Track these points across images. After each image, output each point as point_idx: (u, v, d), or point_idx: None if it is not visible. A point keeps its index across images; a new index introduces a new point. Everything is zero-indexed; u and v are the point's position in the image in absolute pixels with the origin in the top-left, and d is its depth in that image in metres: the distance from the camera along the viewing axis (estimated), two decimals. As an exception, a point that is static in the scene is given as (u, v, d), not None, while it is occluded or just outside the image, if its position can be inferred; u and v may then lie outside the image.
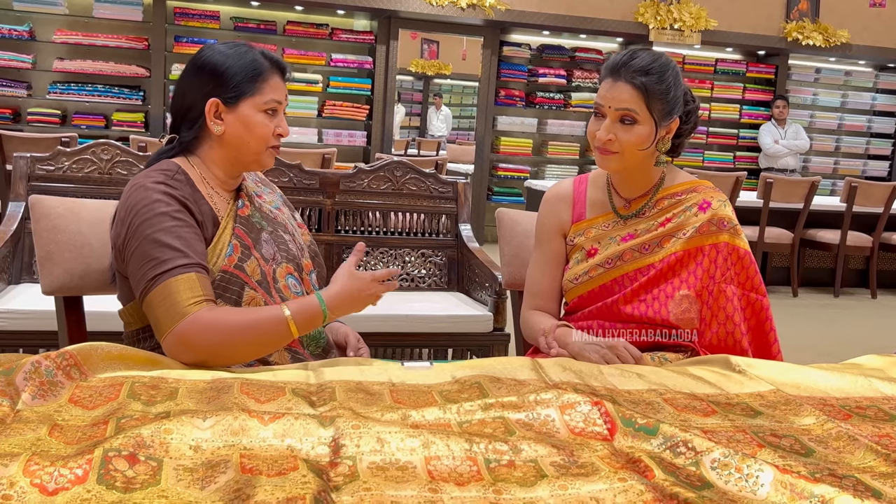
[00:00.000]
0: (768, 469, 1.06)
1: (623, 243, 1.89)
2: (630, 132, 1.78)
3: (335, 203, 3.35)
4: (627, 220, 1.91)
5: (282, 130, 1.69)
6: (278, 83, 1.69)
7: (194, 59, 1.68)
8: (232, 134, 1.66)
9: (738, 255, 1.84)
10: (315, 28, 7.62)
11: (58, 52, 7.13)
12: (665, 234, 1.86)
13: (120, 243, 1.60)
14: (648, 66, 1.77)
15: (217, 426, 1.09)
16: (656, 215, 1.89)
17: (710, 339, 1.82)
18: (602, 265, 1.89)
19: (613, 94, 1.78)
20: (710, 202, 1.87)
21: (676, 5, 8.12)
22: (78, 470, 0.94)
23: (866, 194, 6.44)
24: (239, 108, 1.65)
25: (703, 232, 1.84)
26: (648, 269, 1.85)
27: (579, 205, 1.98)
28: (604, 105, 1.80)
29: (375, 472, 1.02)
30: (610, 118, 1.79)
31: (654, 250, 1.86)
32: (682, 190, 1.90)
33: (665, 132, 1.82)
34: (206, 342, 1.47)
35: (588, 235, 1.93)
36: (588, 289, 1.91)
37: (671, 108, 1.81)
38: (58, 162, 2.99)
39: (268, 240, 1.72)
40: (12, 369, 1.22)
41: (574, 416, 1.24)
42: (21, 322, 2.65)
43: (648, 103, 1.76)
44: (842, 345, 4.97)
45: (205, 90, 1.65)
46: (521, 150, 8.51)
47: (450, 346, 3.14)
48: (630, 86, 1.76)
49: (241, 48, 1.68)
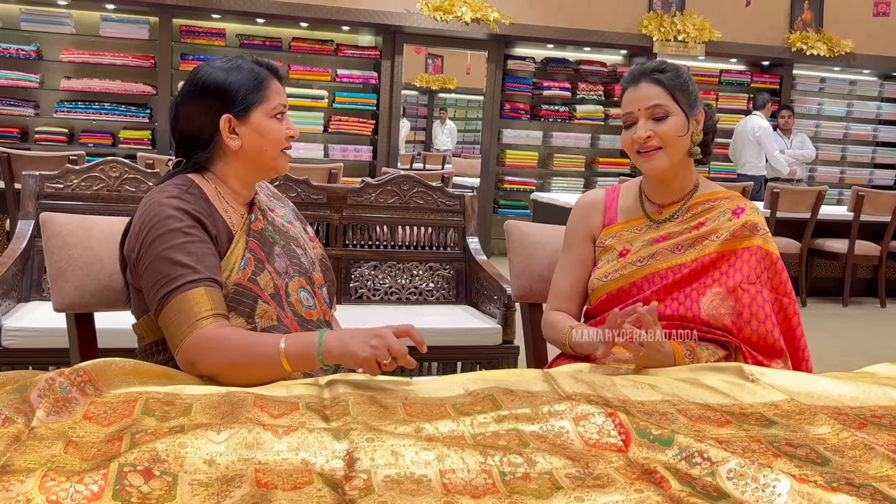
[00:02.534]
0: (785, 479, 1.05)
1: (656, 244, 1.91)
2: (666, 124, 1.85)
3: (343, 217, 3.36)
4: (660, 224, 1.94)
5: (292, 131, 1.73)
6: (278, 87, 1.73)
7: (194, 82, 1.69)
8: (249, 145, 1.68)
9: (770, 260, 1.88)
10: (320, 44, 7.66)
11: (65, 71, 7.17)
12: (699, 237, 1.89)
13: (134, 258, 1.61)
14: (662, 66, 1.88)
15: (231, 440, 1.08)
16: (689, 219, 1.92)
17: (748, 336, 1.82)
18: (633, 263, 1.91)
19: (639, 96, 1.86)
20: (743, 208, 1.91)
21: (680, 17, 8.14)
22: (94, 486, 0.94)
23: (874, 203, 6.42)
24: (251, 120, 1.67)
25: (737, 236, 1.87)
26: (680, 269, 1.86)
27: (611, 210, 2.01)
28: (632, 110, 1.87)
29: (391, 486, 1.02)
30: (643, 118, 1.85)
31: (686, 251, 1.88)
32: (715, 197, 1.95)
33: (696, 123, 1.89)
34: (208, 361, 1.47)
35: (620, 237, 1.96)
36: (618, 286, 1.91)
37: (694, 100, 1.89)
38: (67, 180, 3.00)
39: (280, 253, 1.73)
40: (27, 386, 1.22)
41: (588, 427, 1.23)
42: (31, 340, 2.65)
43: (674, 95, 1.85)
44: (852, 354, 4.94)
45: (213, 109, 1.66)
46: (527, 162, 8.52)
47: (459, 360, 3.13)
48: (653, 83, 1.86)
49: (236, 61, 1.71)
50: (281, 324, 1.66)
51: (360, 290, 3.37)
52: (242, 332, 1.54)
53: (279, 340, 1.47)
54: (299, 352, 1.46)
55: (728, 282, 1.83)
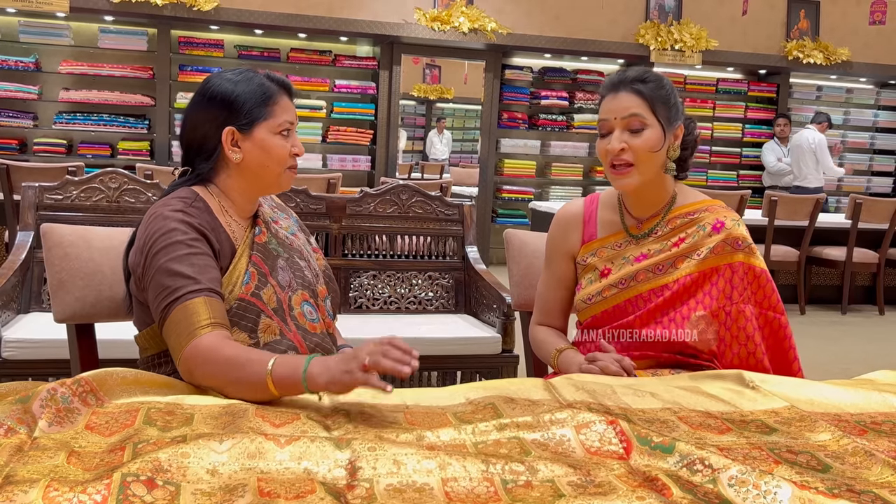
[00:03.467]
0: (786, 485, 1.06)
1: (636, 263, 1.88)
2: (640, 137, 1.79)
3: (342, 227, 3.37)
4: (640, 240, 1.90)
5: (297, 150, 1.71)
6: (287, 104, 1.71)
7: (202, 91, 1.69)
8: (251, 160, 1.67)
9: (754, 274, 1.82)
10: (318, 55, 7.68)
11: (63, 83, 7.18)
12: (679, 255, 1.85)
13: (139, 271, 1.61)
14: (644, 76, 1.82)
15: (234, 449, 1.09)
16: (669, 235, 1.88)
17: (731, 360, 1.80)
18: (615, 285, 1.88)
19: (617, 105, 1.81)
20: (723, 222, 1.86)
21: (677, 26, 8.17)
22: (97, 496, 0.94)
23: (871, 211, 6.44)
24: (254, 134, 1.66)
25: (717, 252, 1.83)
26: (663, 290, 1.83)
27: (590, 225, 1.98)
28: (609, 118, 1.82)
29: (393, 494, 1.02)
30: (618, 128, 1.80)
31: (668, 271, 1.85)
32: (694, 209, 1.89)
33: (673, 138, 1.84)
34: (203, 372, 1.45)
35: (601, 255, 1.93)
36: (601, 309, 1.90)
37: (674, 113, 1.83)
38: (66, 191, 3.01)
39: (284, 267, 1.72)
40: (29, 397, 1.22)
41: (589, 435, 1.24)
42: (31, 351, 2.65)
43: (653, 107, 1.79)
44: (851, 362, 4.94)
45: (218, 120, 1.66)
46: (525, 172, 8.53)
47: (458, 369, 3.13)
48: (632, 93, 1.80)
49: (247, 74, 1.70)
50: (284, 338, 1.65)
51: (360, 299, 3.37)
52: (236, 347, 1.47)
53: (268, 361, 1.38)
54: (285, 376, 1.36)
55: (712, 303, 1.80)
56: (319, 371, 1.34)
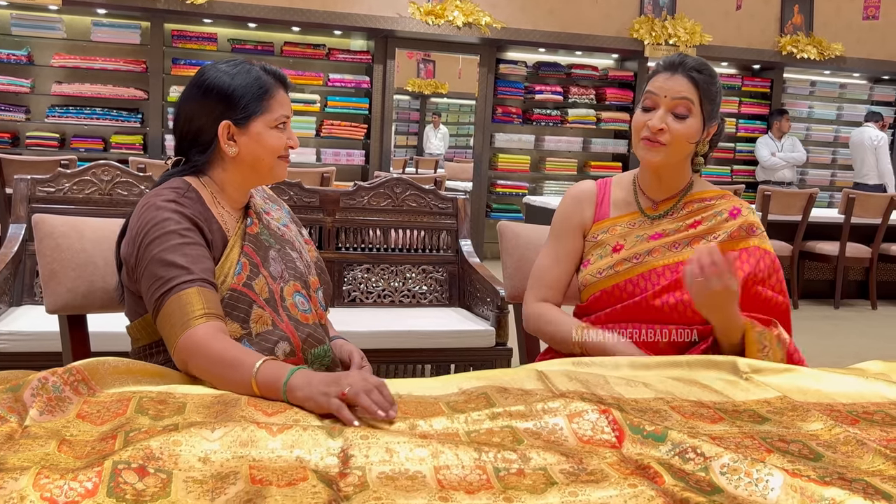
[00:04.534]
0: (778, 473, 1.06)
1: (652, 241, 1.89)
2: (682, 124, 1.82)
3: (335, 220, 3.36)
4: (654, 220, 1.92)
5: (293, 143, 1.71)
6: (284, 97, 1.70)
7: (198, 83, 1.68)
8: (246, 154, 1.67)
9: (770, 258, 1.87)
10: (312, 49, 7.66)
11: (56, 76, 7.15)
12: (696, 236, 1.87)
13: (132, 262, 1.60)
14: (703, 67, 1.85)
15: (226, 437, 1.08)
16: (685, 217, 1.90)
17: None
18: (629, 259, 1.88)
19: (671, 85, 1.82)
20: (739, 209, 1.90)
21: (671, 21, 8.17)
22: (88, 483, 0.94)
23: (864, 205, 6.45)
24: (251, 128, 1.66)
25: (734, 237, 1.86)
26: (678, 267, 1.83)
27: (604, 204, 1.98)
28: (659, 94, 1.83)
29: (385, 482, 1.02)
30: (664, 108, 1.82)
31: (683, 249, 1.86)
32: (710, 196, 1.93)
33: (707, 133, 1.88)
34: (194, 363, 1.45)
35: (613, 232, 1.93)
36: (613, 283, 1.88)
37: (716, 111, 1.87)
38: (58, 184, 2.99)
39: (276, 258, 1.72)
40: (20, 385, 1.22)
41: (582, 424, 1.24)
42: (23, 344, 2.64)
43: (702, 99, 1.83)
44: (843, 356, 4.95)
45: (214, 114, 1.65)
46: (519, 166, 8.53)
47: (452, 362, 3.13)
48: (688, 79, 1.82)
49: (244, 66, 1.68)
50: (276, 329, 1.65)
51: (353, 293, 3.37)
52: (227, 343, 1.45)
53: (254, 365, 1.37)
54: (268, 384, 1.34)
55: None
56: (300, 385, 1.30)
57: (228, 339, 1.49)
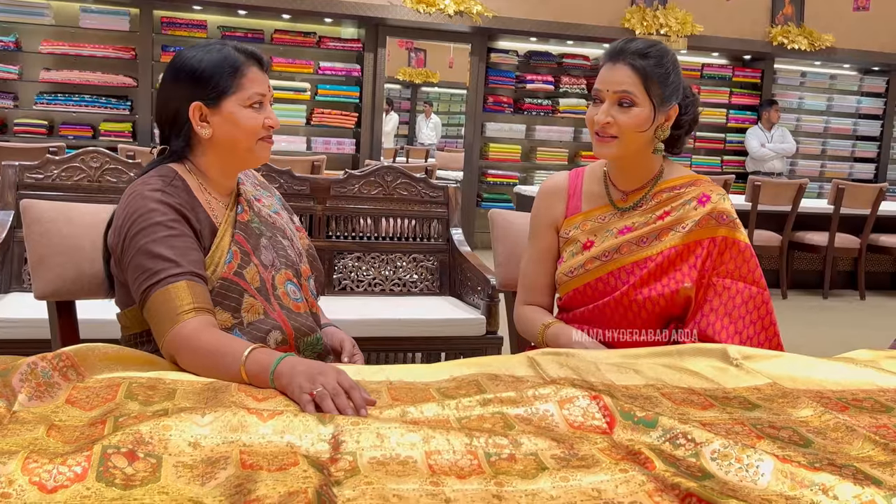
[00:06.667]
0: (768, 459, 1.06)
1: (620, 236, 1.87)
2: (628, 114, 1.79)
3: (326, 209, 3.35)
4: (625, 213, 1.90)
5: (271, 122, 1.66)
6: (258, 75, 1.66)
7: (171, 66, 1.66)
8: (220, 134, 1.64)
9: (738, 249, 1.82)
10: (303, 36, 7.62)
11: (44, 63, 7.10)
12: (663, 228, 1.85)
13: (119, 252, 1.59)
14: (646, 50, 1.80)
15: (216, 423, 1.08)
16: (654, 208, 1.88)
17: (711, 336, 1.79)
18: (598, 258, 1.88)
19: (611, 77, 1.80)
20: (709, 196, 1.86)
21: (662, 10, 8.17)
22: (77, 467, 0.94)
23: (853, 196, 6.47)
24: (222, 108, 1.62)
25: (702, 226, 1.83)
26: (646, 262, 1.83)
27: (575, 198, 1.97)
28: (602, 89, 1.81)
29: (376, 467, 1.02)
30: (608, 101, 1.80)
31: (651, 243, 1.85)
32: (680, 184, 1.89)
33: (664, 119, 1.83)
34: (183, 358, 1.45)
35: (584, 228, 1.92)
36: (584, 281, 1.89)
37: (670, 93, 1.82)
38: (47, 170, 2.97)
39: (267, 246, 1.70)
40: (8, 370, 1.21)
41: (573, 410, 1.24)
42: (12, 331, 2.63)
43: (646, 85, 1.78)
44: (831, 346, 4.96)
45: (186, 95, 1.62)
46: (510, 156, 8.52)
47: (443, 350, 3.13)
48: (628, 68, 1.79)
49: (215, 46, 1.66)
50: (268, 317, 1.64)
51: (344, 281, 3.36)
52: (216, 335, 1.45)
53: (243, 351, 1.37)
54: (257, 370, 1.35)
55: (696, 276, 1.80)
56: (284, 372, 1.30)
57: (217, 331, 1.48)
